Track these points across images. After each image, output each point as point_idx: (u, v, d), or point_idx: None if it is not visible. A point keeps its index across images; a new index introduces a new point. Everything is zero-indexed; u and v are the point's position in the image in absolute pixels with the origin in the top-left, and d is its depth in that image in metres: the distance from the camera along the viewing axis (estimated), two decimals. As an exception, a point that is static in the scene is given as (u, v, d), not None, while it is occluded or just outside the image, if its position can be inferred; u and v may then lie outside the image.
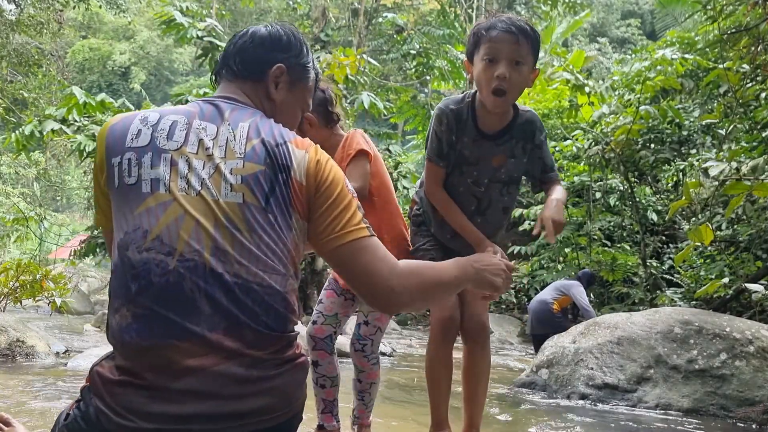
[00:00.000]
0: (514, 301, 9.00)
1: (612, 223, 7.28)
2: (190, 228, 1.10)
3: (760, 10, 4.14)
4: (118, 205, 1.15)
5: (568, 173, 7.11)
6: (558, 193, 1.80)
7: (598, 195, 7.10)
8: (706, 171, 3.88)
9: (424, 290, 1.25)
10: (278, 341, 1.15)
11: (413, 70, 13.15)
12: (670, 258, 6.53)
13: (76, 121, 5.74)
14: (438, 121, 1.83)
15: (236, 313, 1.10)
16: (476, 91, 1.80)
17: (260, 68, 1.32)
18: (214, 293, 1.09)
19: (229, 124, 1.21)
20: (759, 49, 4.16)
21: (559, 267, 6.75)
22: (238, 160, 1.16)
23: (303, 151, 1.20)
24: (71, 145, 5.77)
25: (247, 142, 1.18)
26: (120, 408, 1.07)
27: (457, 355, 1.90)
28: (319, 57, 8.02)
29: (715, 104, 5.93)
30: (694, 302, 5.19)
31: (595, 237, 6.67)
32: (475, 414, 1.91)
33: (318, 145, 1.25)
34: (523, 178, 1.97)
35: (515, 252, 8.98)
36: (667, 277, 6.33)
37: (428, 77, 13.14)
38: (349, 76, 6.84)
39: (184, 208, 1.11)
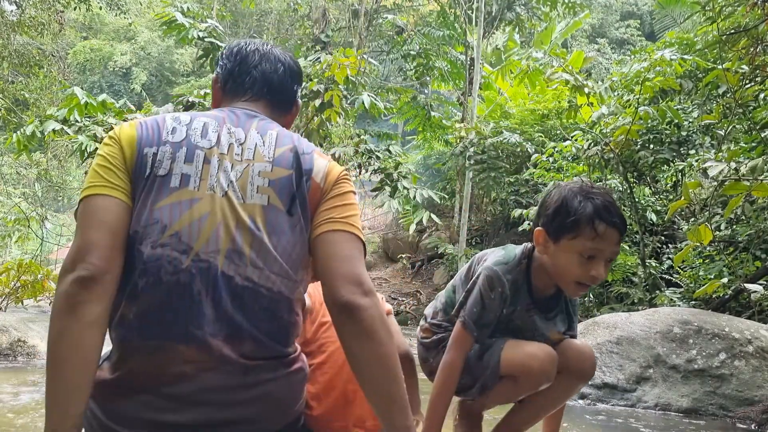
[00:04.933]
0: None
1: (612, 224, 7.28)
2: (211, 228, 1.09)
3: (759, 11, 4.15)
4: (142, 194, 1.11)
5: (568, 174, 7.12)
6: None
7: (597, 195, 7.10)
8: (705, 171, 3.89)
9: (388, 344, 1.10)
10: (276, 353, 1.14)
11: (413, 70, 13.16)
12: (669, 258, 6.54)
13: (77, 121, 5.75)
14: (490, 287, 1.55)
15: (239, 320, 1.08)
16: (532, 251, 1.58)
17: (289, 103, 1.38)
18: (220, 298, 1.07)
19: (257, 132, 1.22)
20: (758, 50, 4.17)
21: (559, 267, 6.75)
22: (267, 164, 1.17)
23: (325, 161, 1.23)
24: (72, 146, 5.78)
25: (277, 148, 1.20)
26: (114, 414, 1.07)
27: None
28: (319, 58, 8.03)
29: (714, 105, 5.94)
30: (693, 302, 5.20)
31: (595, 237, 6.66)
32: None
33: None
34: None
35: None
36: (667, 277, 6.34)
37: (428, 78, 13.14)
38: (350, 77, 6.86)
39: (210, 208, 1.10)
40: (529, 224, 8.37)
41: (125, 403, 1.06)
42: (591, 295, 6.57)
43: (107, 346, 1.13)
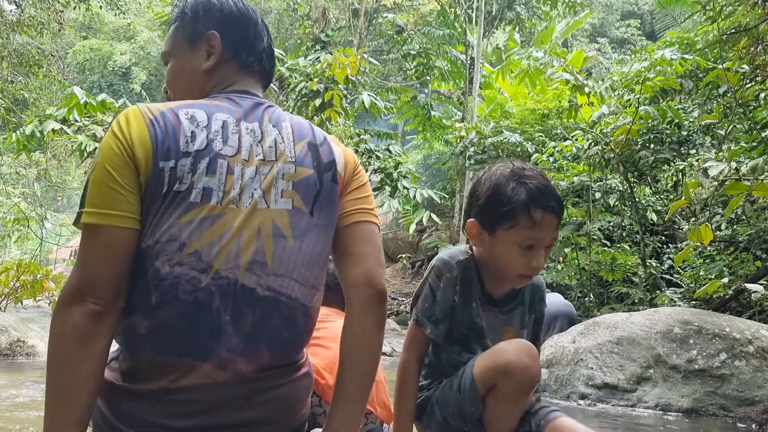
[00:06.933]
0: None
1: (611, 223, 7.28)
2: (231, 243, 1.04)
3: (759, 11, 4.14)
4: (157, 210, 1.03)
5: (568, 173, 7.11)
6: None
7: (597, 195, 7.11)
8: (705, 171, 3.89)
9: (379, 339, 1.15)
10: (289, 360, 1.14)
11: (413, 70, 13.16)
12: (669, 258, 6.53)
13: (76, 121, 5.75)
14: (437, 276, 1.43)
15: (257, 332, 1.06)
16: (472, 246, 1.47)
17: (272, 69, 1.30)
18: (239, 312, 1.05)
19: (272, 125, 1.15)
20: (758, 49, 4.16)
21: (559, 267, 6.76)
22: (290, 165, 1.12)
23: (340, 149, 1.22)
24: (72, 145, 5.78)
25: (296, 144, 1.15)
26: (121, 414, 1.05)
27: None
28: (319, 57, 8.02)
29: (715, 104, 5.94)
30: (693, 302, 5.19)
31: (595, 237, 6.67)
32: None
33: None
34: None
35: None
36: (667, 277, 6.33)
37: (428, 77, 13.14)
38: (350, 77, 6.85)
39: (231, 223, 1.05)
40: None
41: (135, 405, 1.05)
42: (591, 295, 6.57)
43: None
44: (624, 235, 7.27)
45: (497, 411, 1.33)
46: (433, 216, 9.16)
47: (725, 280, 4.71)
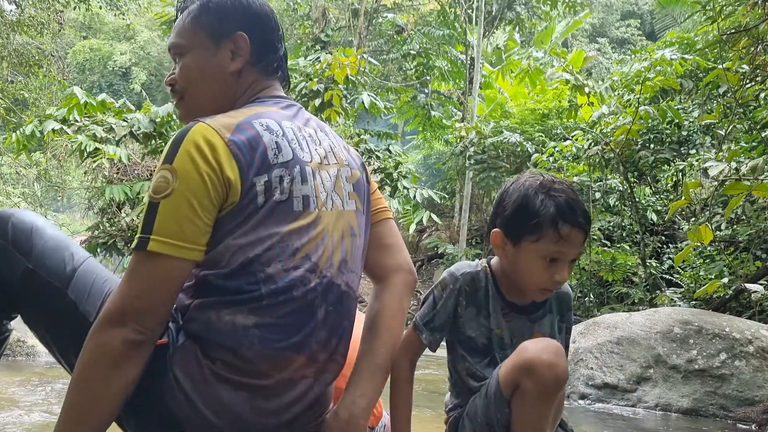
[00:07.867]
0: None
1: (611, 223, 7.29)
2: (329, 245, 1.13)
3: (759, 11, 4.14)
4: (256, 221, 1.04)
5: (568, 173, 7.11)
6: None
7: (597, 195, 7.11)
8: (705, 171, 3.88)
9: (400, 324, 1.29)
10: (346, 352, 1.20)
11: (413, 70, 13.15)
12: (669, 258, 6.53)
13: (76, 121, 5.74)
14: (442, 287, 1.42)
15: (334, 324, 1.14)
16: (490, 260, 1.48)
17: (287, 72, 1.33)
18: (329, 307, 1.12)
19: (320, 129, 1.22)
20: (758, 49, 4.16)
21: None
22: (347, 168, 1.21)
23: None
24: (72, 146, 5.78)
25: (342, 148, 1.24)
26: (216, 403, 1.05)
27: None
28: (319, 57, 8.02)
29: (715, 104, 5.94)
30: (693, 302, 5.19)
31: (595, 237, 6.67)
32: None
33: None
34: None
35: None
36: (667, 277, 6.34)
37: (428, 77, 13.13)
38: (350, 77, 6.85)
39: (325, 224, 1.12)
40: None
41: (234, 396, 1.05)
42: (591, 295, 6.57)
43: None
44: (624, 235, 7.27)
45: (521, 414, 1.27)
46: (433, 216, 9.15)
47: (725, 280, 4.70)
